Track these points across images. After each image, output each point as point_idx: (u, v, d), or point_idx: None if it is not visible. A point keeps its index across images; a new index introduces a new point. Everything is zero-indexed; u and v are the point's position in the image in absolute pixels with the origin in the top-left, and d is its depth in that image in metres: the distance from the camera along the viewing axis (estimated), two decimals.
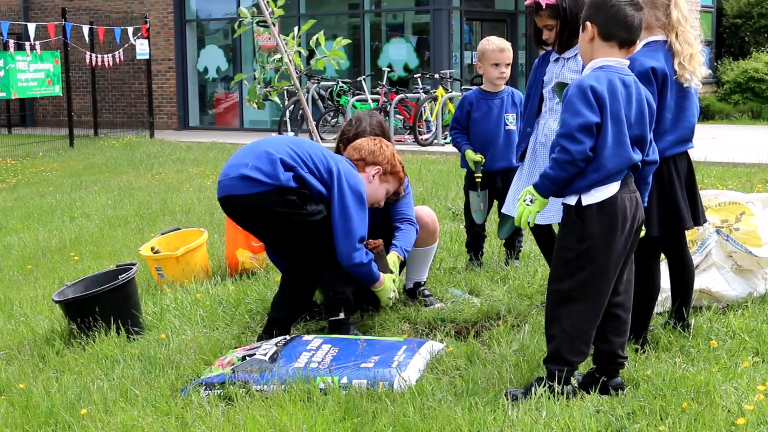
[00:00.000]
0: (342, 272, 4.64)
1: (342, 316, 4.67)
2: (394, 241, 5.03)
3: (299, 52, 5.23)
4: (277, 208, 4.48)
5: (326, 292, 4.74)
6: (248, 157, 4.55)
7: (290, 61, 5.08)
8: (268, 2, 5.12)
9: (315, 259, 4.64)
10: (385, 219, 5.11)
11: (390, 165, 4.88)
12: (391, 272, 4.86)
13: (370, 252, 4.68)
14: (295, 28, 5.38)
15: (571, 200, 3.64)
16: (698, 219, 4.35)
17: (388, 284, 4.79)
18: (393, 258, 4.92)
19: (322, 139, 16.16)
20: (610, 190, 3.60)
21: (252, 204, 4.50)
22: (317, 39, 5.24)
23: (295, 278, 4.73)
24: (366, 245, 4.71)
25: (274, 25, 5.09)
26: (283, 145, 4.58)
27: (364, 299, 4.96)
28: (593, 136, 3.54)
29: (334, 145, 5.36)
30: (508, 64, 5.93)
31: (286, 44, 5.11)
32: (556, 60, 4.83)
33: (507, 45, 5.93)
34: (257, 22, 5.23)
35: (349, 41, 5.47)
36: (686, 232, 4.44)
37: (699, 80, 4.19)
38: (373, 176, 4.84)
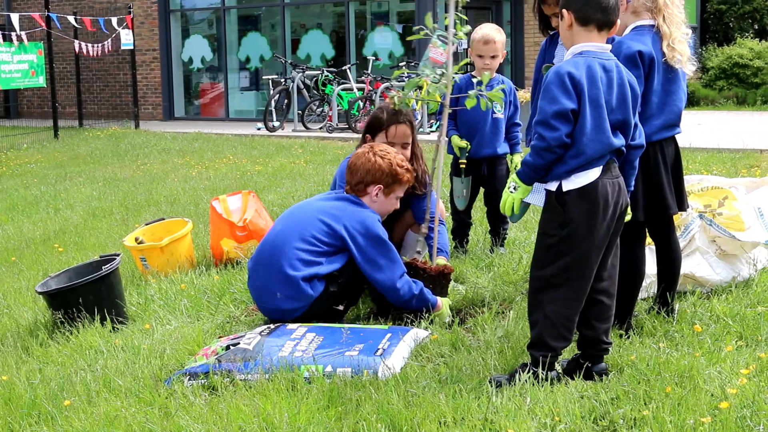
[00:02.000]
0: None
1: (341, 308, 4.71)
2: (439, 246, 5.09)
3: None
4: (324, 309, 4.59)
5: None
6: (272, 282, 4.55)
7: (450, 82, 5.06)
8: (456, 25, 5.05)
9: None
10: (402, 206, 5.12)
11: (390, 177, 4.76)
12: (447, 296, 4.85)
13: (418, 281, 4.63)
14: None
15: (552, 186, 3.64)
16: (683, 204, 4.37)
17: (446, 310, 4.74)
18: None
19: (306, 127, 16.22)
20: (591, 175, 3.59)
21: (304, 319, 4.57)
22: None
23: None
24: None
25: (453, 44, 5.05)
26: (293, 249, 4.55)
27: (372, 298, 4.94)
28: (570, 123, 3.53)
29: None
30: (494, 57, 5.88)
31: (454, 70, 5.07)
32: None
33: (493, 36, 5.82)
34: (438, 36, 5.20)
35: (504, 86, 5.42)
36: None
37: (690, 64, 4.18)
38: (376, 195, 4.76)
